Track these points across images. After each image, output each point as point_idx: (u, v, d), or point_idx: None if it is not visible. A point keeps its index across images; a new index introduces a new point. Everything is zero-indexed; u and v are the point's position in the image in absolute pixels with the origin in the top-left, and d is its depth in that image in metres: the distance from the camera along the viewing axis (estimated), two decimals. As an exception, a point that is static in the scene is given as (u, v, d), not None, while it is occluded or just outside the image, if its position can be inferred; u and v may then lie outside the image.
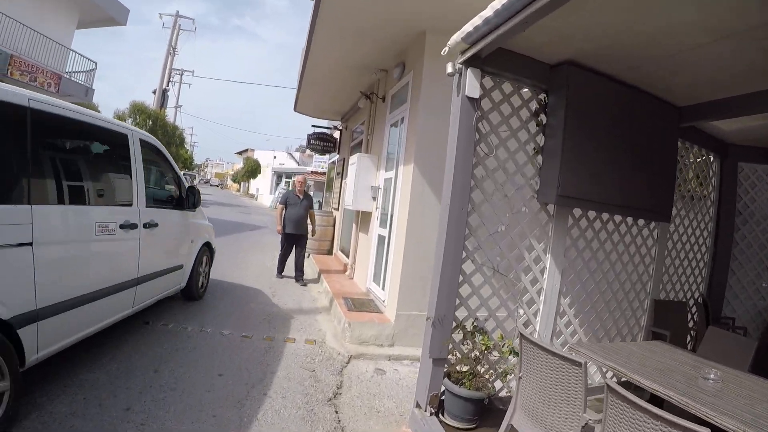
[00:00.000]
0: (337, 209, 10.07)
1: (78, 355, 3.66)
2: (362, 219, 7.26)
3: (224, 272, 7.70)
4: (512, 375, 3.38)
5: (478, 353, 3.21)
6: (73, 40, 15.49)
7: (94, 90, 15.36)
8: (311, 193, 30.13)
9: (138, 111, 23.02)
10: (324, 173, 30.92)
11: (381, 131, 6.79)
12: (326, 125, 11.94)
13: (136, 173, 4.10)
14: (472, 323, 3.31)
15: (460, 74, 3.15)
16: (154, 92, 26.53)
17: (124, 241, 3.84)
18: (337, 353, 4.66)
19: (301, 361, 4.31)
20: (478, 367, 3.23)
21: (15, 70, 10.61)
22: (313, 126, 11.32)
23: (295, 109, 10.31)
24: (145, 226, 4.15)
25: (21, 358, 2.66)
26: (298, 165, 46.48)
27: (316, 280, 7.76)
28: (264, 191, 44.79)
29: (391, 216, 5.75)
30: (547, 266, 3.68)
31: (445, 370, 3.19)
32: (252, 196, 49.91)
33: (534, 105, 3.63)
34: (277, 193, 35.84)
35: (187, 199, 5.17)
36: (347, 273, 7.69)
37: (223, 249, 9.67)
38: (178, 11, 28.43)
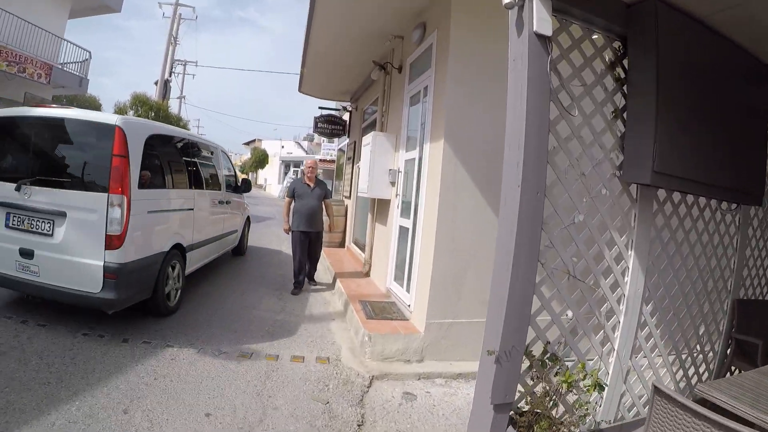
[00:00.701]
0: (349, 197, 9.18)
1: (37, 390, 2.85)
2: (379, 208, 6.36)
3: (222, 271, 6.88)
4: (590, 418, 2.52)
5: (552, 392, 2.32)
6: (65, 29, 14.66)
7: (88, 80, 14.50)
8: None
9: (140, 103, 22.11)
10: (333, 161, 30.15)
11: (398, 106, 5.86)
12: (334, 107, 11.00)
13: (220, 170, 6.71)
14: (544, 350, 2.41)
15: (522, 6, 2.22)
16: (156, 83, 25.61)
17: (220, 212, 6.49)
18: (355, 374, 3.81)
19: (312, 389, 3.47)
20: (554, 411, 2.35)
21: (1, 61, 9.81)
22: (320, 108, 10.39)
23: (300, 90, 9.39)
24: (225, 203, 6.75)
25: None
26: (306, 153, 45.66)
27: (330, 283, 6.87)
28: (272, 181, 44.07)
29: (416, 204, 4.86)
30: (630, 266, 2.81)
31: (510, 414, 2.31)
32: (260, 186, 49.22)
33: (608, 55, 2.70)
34: (285, 182, 35.07)
35: (240, 186, 7.64)
36: (363, 269, 6.83)
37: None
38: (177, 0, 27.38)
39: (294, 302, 5.64)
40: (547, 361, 2.39)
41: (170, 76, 27.55)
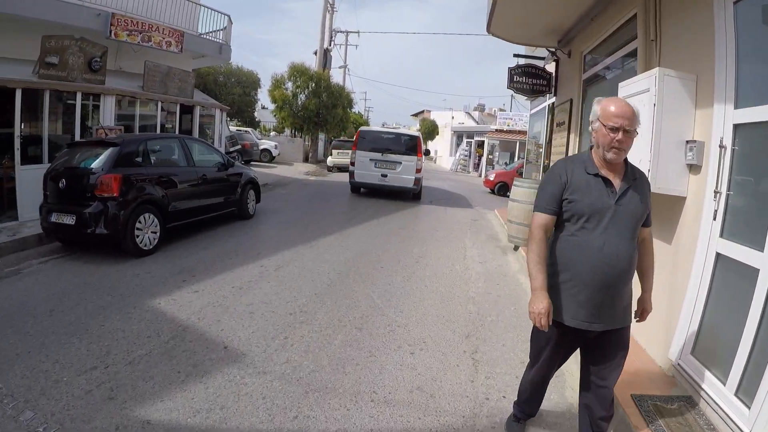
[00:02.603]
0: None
1: None
2: (655, 208, 3.66)
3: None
4: None
5: None
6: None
7: (230, 48, 13.20)
8: (496, 155, 24.98)
9: (298, 73, 21.84)
10: (512, 131, 26.72)
11: (695, 15, 3.06)
12: (533, 56, 8.21)
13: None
14: None
15: None
16: (315, 53, 25.03)
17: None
18: None
19: None
20: None
21: (120, 30, 9.27)
22: (515, 56, 7.75)
23: (489, 29, 6.90)
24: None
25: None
26: (477, 123, 42.63)
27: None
28: (443, 153, 42.26)
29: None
30: None
31: None
32: (431, 158, 48.06)
33: None
34: (458, 154, 32.85)
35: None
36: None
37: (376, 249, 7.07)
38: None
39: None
40: None
41: (330, 45, 26.89)
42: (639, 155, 3.32)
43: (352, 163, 11.98)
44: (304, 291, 4.59)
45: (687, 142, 3.14)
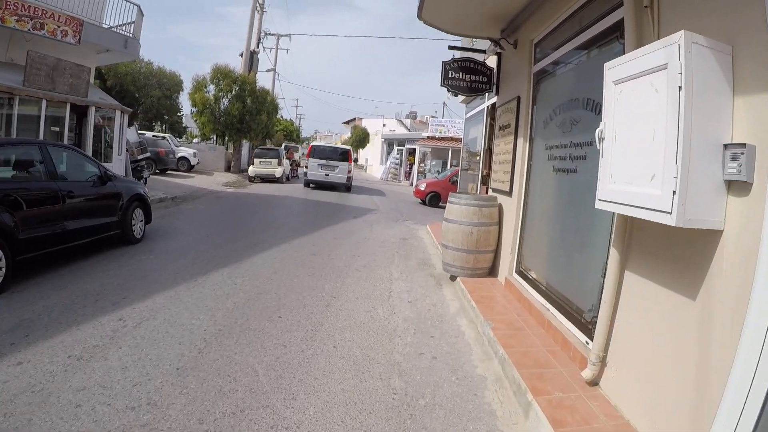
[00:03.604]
0: (509, 193, 5.41)
1: None
2: (673, 245, 2.51)
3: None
4: None
5: None
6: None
7: (138, 42, 11.52)
8: (428, 163, 25.85)
9: (221, 75, 20.21)
10: (445, 138, 26.19)
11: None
12: (470, 48, 7.16)
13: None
14: None
15: None
16: (241, 55, 23.20)
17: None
18: None
19: None
20: None
21: (7, 15, 7.42)
22: (451, 48, 6.62)
23: (420, 16, 5.72)
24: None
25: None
26: (409, 131, 42.15)
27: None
28: (374, 161, 41.25)
29: None
30: None
31: None
32: (361, 167, 46.94)
33: None
34: (389, 162, 31.94)
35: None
36: (575, 362, 3.13)
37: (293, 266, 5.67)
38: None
39: None
40: None
41: (258, 46, 25.30)
42: (649, 168, 2.17)
43: (306, 167, 18.04)
44: (163, 364, 3.05)
45: (726, 146, 2.03)
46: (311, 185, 18.08)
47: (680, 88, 1.98)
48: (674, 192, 1.98)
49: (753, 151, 1.92)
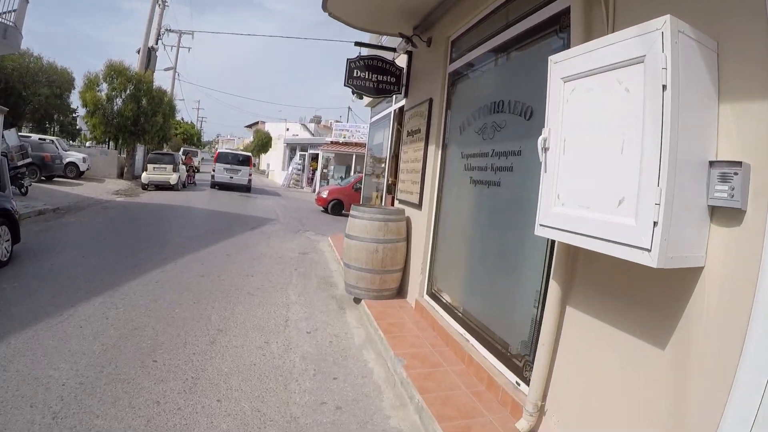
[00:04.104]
0: (419, 206, 4.89)
1: None
2: (623, 276, 2.07)
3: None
4: None
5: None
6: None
7: (19, 32, 9.71)
8: (331, 169, 26.04)
9: (116, 73, 17.97)
10: (349, 143, 25.53)
11: None
12: (378, 45, 6.58)
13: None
14: None
15: None
16: (138, 51, 20.93)
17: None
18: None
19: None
20: None
21: None
22: (358, 45, 6.01)
23: (325, 7, 5.04)
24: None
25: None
26: (313, 135, 41.07)
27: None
28: (276, 167, 39.50)
29: None
30: None
31: None
32: (263, 172, 44.85)
33: None
34: (291, 168, 30.66)
35: None
36: (506, 408, 2.64)
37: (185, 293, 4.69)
38: (159, -49, 22.46)
39: None
40: None
41: (156, 43, 23.02)
42: (616, 189, 1.68)
43: (214, 170, 19.89)
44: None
45: (712, 164, 1.60)
46: (217, 186, 19.98)
47: (664, 87, 1.50)
48: (655, 223, 1.49)
49: (748, 172, 1.51)
